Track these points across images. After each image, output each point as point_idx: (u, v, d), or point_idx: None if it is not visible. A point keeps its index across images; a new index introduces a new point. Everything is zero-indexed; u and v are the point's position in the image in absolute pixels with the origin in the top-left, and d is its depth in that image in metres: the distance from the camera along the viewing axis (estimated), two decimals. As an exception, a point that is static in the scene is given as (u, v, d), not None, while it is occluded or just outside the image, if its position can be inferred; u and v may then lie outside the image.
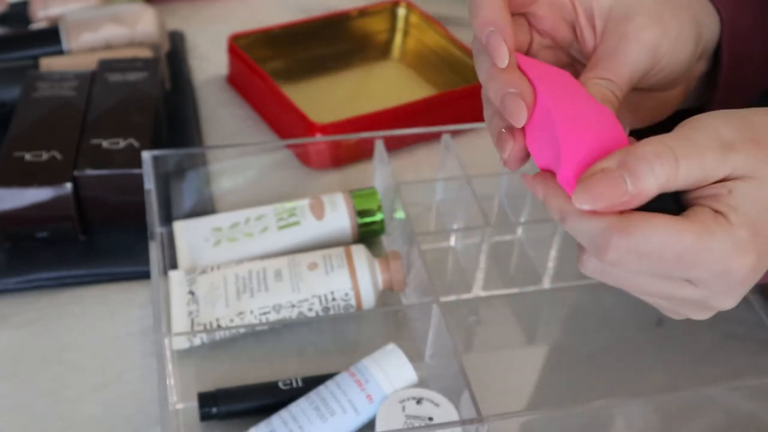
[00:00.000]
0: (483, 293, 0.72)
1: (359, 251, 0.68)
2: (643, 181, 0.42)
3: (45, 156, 0.72)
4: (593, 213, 0.43)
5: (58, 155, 0.72)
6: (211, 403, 0.61)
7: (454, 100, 0.87)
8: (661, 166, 0.42)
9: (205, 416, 0.61)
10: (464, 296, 0.72)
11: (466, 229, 0.74)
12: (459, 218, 0.76)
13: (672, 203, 0.45)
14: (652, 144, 0.43)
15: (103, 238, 0.74)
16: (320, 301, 0.66)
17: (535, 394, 0.66)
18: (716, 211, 0.43)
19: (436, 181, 0.80)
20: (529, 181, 0.47)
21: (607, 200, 0.42)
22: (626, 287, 0.47)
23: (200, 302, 0.66)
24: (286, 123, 0.85)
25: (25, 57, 0.86)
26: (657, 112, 0.55)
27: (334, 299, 0.66)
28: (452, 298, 0.72)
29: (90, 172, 0.71)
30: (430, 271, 0.65)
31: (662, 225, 0.43)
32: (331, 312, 0.67)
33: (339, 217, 0.72)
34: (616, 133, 0.45)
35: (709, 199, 0.44)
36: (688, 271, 0.44)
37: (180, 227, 0.72)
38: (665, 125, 0.49)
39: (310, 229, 0.72)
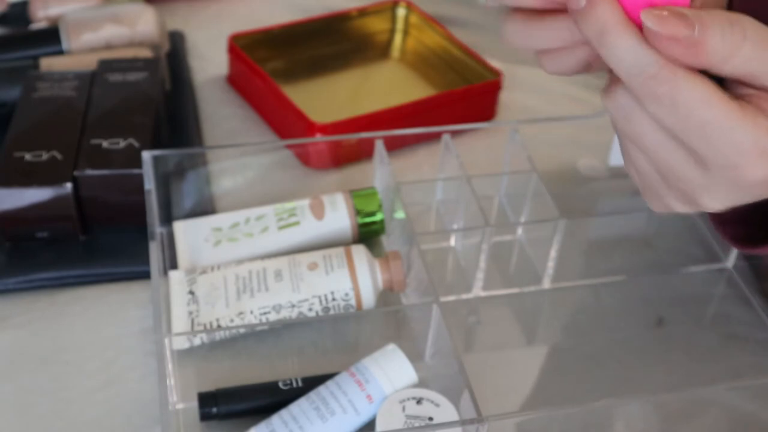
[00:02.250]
0: (483, 293, 0.72)
1: (359, 251, 0.68)
2: (710, 34, 0.40)
3: (45, 156, 0.72)
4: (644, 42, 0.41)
5: (58, 155, 0.72)
6: (211, 403, 0.61)
7: (454, 100, 0.87)
8: (731, 34, 0.40)
9: (205, 416, 0.61)
10: (464, 296, 0.72)
11: (466, 229, 0.74)
12: (459, 218, 0.76)
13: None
14: (729, 15, 0.41)
15: (103, 238, 0.74)
16: (320, 301, 0.66)
17: (535, 394, 0.66)
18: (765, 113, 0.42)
19: (436, 181, 0.80)
20: None
21: (671, 27, 0.40)
22: (635, 139, 0.45)
23: (200, 302, 0.66)
24: (286, 123, 0.85)
25: (25, 57, 0.86)
26: None
27: (334, 299, 0.66)
28: (452, 298, 0.72)
29: (90, 172, 0.71)
30: (430, 271, 0.65)
31: (704, 85, 0.41)
32: (331, 312, 0.67)
33: (339, 217, 0.72)
34: None
35: (765, 100, 0.42)
36: (703, 145, 0.43)
37: (180, 227, 0.72)
38: None
39: (310, 229, 0.72)
